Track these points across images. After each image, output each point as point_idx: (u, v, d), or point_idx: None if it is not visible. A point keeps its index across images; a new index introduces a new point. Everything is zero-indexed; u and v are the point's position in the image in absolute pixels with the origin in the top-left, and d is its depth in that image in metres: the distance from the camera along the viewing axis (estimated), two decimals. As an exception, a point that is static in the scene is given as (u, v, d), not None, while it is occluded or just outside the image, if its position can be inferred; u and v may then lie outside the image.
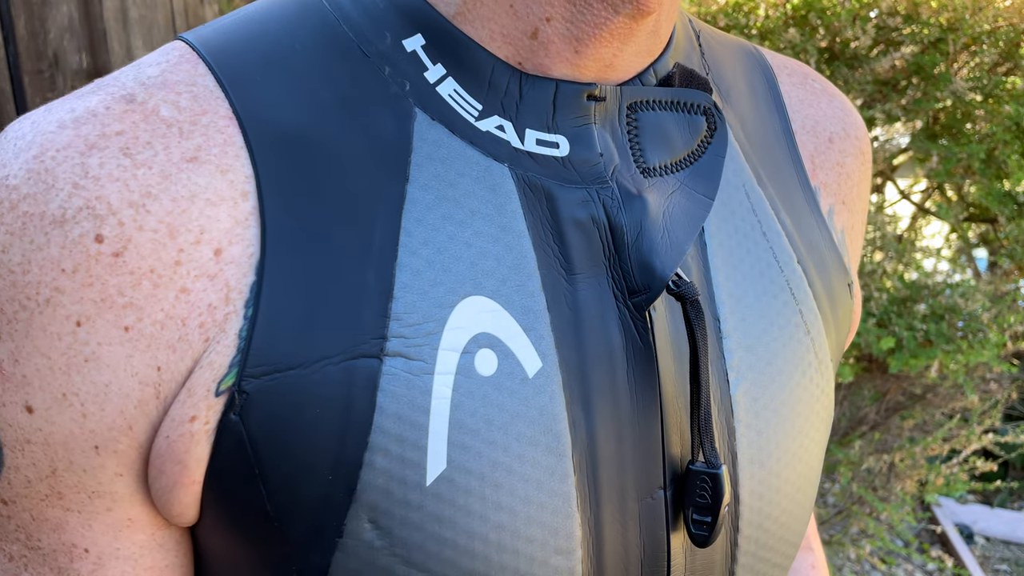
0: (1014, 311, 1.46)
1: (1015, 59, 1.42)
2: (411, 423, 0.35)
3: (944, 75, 1.36)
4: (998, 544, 2.86)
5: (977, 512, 2.90)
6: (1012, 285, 1.54)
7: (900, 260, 1.67)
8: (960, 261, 1.87)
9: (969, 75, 1.38)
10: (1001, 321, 1.47)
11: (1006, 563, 2.75)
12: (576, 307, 0.38)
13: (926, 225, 1.89)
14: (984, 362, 1.58)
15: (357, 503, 0.35)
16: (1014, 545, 2.85)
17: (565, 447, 0.37)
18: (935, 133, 1.50)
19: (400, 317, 0.35)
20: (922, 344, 1.51)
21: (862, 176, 0.51)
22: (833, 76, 1.41)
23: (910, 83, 1.39)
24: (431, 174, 0.37)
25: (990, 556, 2.78)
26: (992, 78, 1.37)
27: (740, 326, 0.42)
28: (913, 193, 1.86)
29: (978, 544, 2.83)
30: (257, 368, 0.34)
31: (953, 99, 1.36)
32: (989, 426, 1.76)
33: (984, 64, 1.40)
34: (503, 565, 0.36)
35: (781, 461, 0.42)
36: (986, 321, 1.47)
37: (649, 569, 0.39)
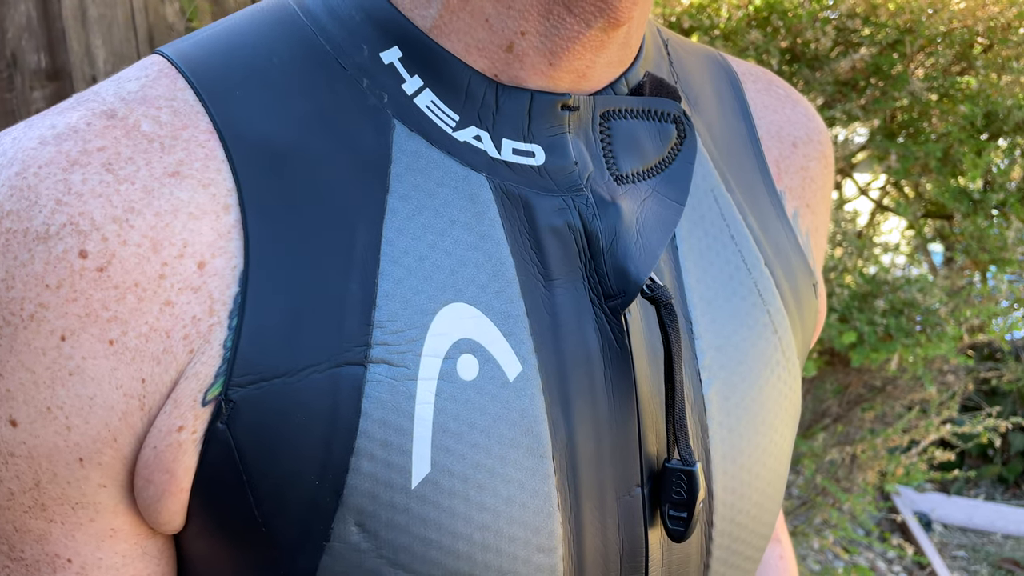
0: (970, 305, 1.51)
1: (969, 60, 1.46)
2: (396, 428, 0.36)
3: (902, 75, 1.40)
4: (955, 531, 2.94)
5: (935, 500, 2.97)
6: (967, 280, 1.58)
7: (860, 256, 1.71)
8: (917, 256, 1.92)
9: (925, 76, 1.42)
10: (958, 315, 1.51)
11: (963, 549, 2.83)
12: (554, 312, 0.39)
13: (884, 221, 1.94)
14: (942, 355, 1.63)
15: (344, 507, 0.35)
16: (971, 531, 2.93)
17: (546, 448, 0.38)
18: (893, 132, 1.53)
19: (383, 325, 0.36)
20: (882, 338, 1.55)
21: (825, 179, 0.53)
22: (794, 77, 1.44)
23: (869, 83, 1.43)
24: (411, 184, 0.38)
25: (948, 543, 2.86)
26: (947, 78, 1.41)
27: (711, 327, 0.43)
28: (872, 190, 1.91)
29: (936, 531, 2.91)
30: (243, 377, 0.35)
31: (910, 99, 1.40)
32: (947, 417, 1.81)
33: (939, 65, 1.44)
34: (487, 564, 0.37)
35: (752, 457, 0.44)
36: (943, 315, 1.51)
37: (628, 564, 0.41)
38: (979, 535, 2.92)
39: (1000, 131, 1.36)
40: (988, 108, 1.34)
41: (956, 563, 2.75)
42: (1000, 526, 2.91)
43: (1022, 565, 2.71)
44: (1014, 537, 2.90)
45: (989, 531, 2.92)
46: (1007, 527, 2.90)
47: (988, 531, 2.93)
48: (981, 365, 2.50)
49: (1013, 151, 1.39)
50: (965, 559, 2.78)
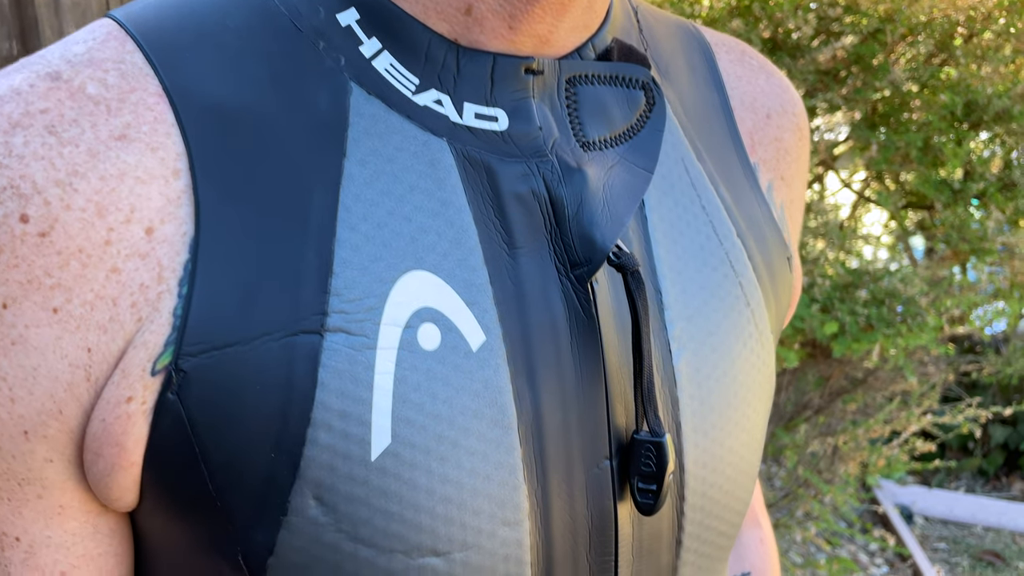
0: (950, 295, 1.51)
1: (950, 50, 1.46)
2: (354, 398, 0.35)
3: (883, 65, 1.39)
4: (936, 523, 2.95)
5: (916, 493, 2.99)
6: (948, 271, 1.59)
7: (841, 248, 1.71)
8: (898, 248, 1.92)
9: (906, 65, 1.42)
10: (939, 305, 1.51)
11: (944, 541, 2.85)
12: (519, 280, 0.38)
13: (866, 213, 1.94)
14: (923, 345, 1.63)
15: (301, 480, 0.34)
16: (952, 524, 2.95)
17: (510, 419, 0.37)
18: (874, 123, 1.53)
19: (340, 293, 0.35)
20: (864, 329, 1.55)
21: (800, 152, 0.52)
22: (776, 66, 1.44)
23: (850, 73, 1.42)
24: (368, 149, 0.37)
25: (929, 535, 2.88)
26: (928, 68, 1.41)
27: (681, 298, 0.42)
28: (853, 182, 1.91)
29: (917, 524, 2.93)
30: (194, 346, 0.34)
31: (891, 88, 1.40)
32: (928, 407, 1.81)
33: (920, 55, 1.44)
34: (451, 538, 0.36)
35: (724, 430, 0.43)
36: (924, 305, 1.51)
37: (597, 539, 0.40)
38: (960, 527, 2.94)
39: (980, 120, 1.36)
40: (968, 97, 1.35)
41: (937, 555, 2.77)
42: (981, 518, 2.93)
43: (1003, 556, 2.73)
44: (994, 529, 2.92)
45: (970, 523, 2.95)
46: (988, 519, 2.93)
47: (969, 523, 2.95)
48: (961, 358, 2.52)
49: (993, 141, 1.40)
50: (946, 551, 2.80)
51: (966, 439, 3.14)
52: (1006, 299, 1.49)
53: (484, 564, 0.37)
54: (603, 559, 0.40)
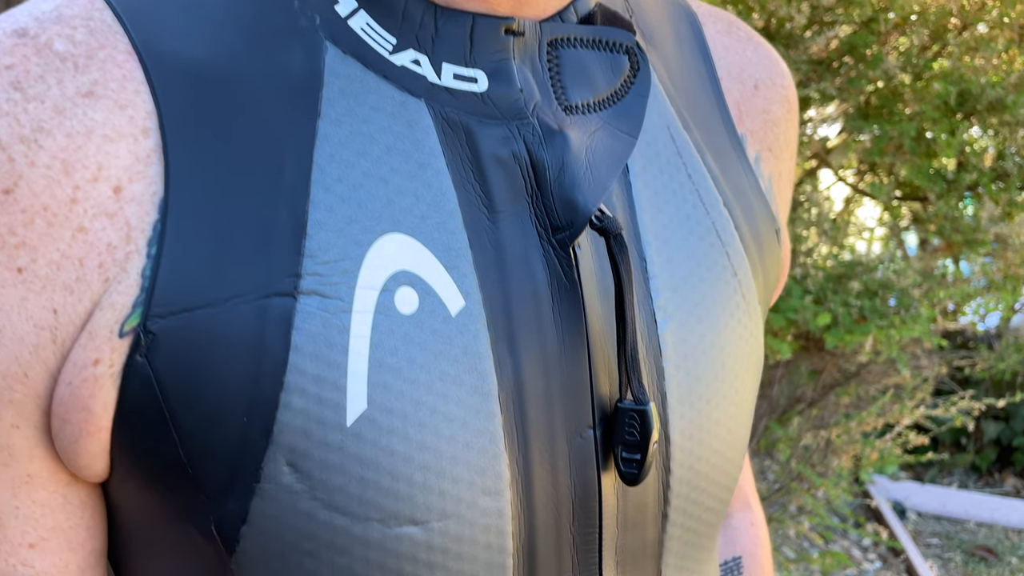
0: (944, 287, 1.51)
1: (943, 40, 1.46)
2: (328, 362, 0.34)
3: (876, 55, 1.39)
4: (929, 519, 2.96)
5: (909, 488, 2.99)
6: (942, 262, 1.58)
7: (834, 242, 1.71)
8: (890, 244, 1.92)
9: (900, 55, 1.41)
10: (932, 296, 1.51)
11: (937, 536, 2.85)
12: (499, 245, 0.37)
13: (859, 207, 1.94)
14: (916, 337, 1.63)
15: (274, 445, 0.33)
16: (945, 519, 2.96)
17: (491, 386, 0.36)
18: (867, 115, 1.53)
19: (314, 255, 0.34)
20: (857, 320, 1.54)
21: (789, 124, 0.51)
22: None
23: (843, 63, 1.42)
24: (343, 109, 0.36)
25: (922, 531, 2.88)
26: (921, 58, 1.40)
27: (667, 267, 0.41)
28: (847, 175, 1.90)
29: (911, 520, 2.93)
30: (163, 308, 0.33)
31: (884, 78, 1.39)
32: (921, 399, 1.81)
33: (914, 47, 1.44)
34: (429, 506, 0.35)
35: (711, 402, 0.42)
36: (917, 297, 1.51)
37: (580, 510, 0.39)
38: (953, 523, 2.94)
39: (973, 110, 1.36)
40: (962, 87, 1.34)
41: (930, 550, 2.77)
42: (974, 514, 2.93)
43: (996, 552, 2.73)
44: (987, 524, 2.92)
45: (963, 519, 2.95)
46: (980, 515, 2.93)
47: (962, 519, 2.95)
48: (954, 353, 2.52)
49: (987, 132, 1.39)
50: (939, 546, 2.80)
51: (959, 434, 3.14)
52: (999, 291, 1.49)
53: (464, 534, 0.36)
54: (587, 531, 0.39)
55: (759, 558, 0.66)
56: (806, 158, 1.88)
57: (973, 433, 3.13)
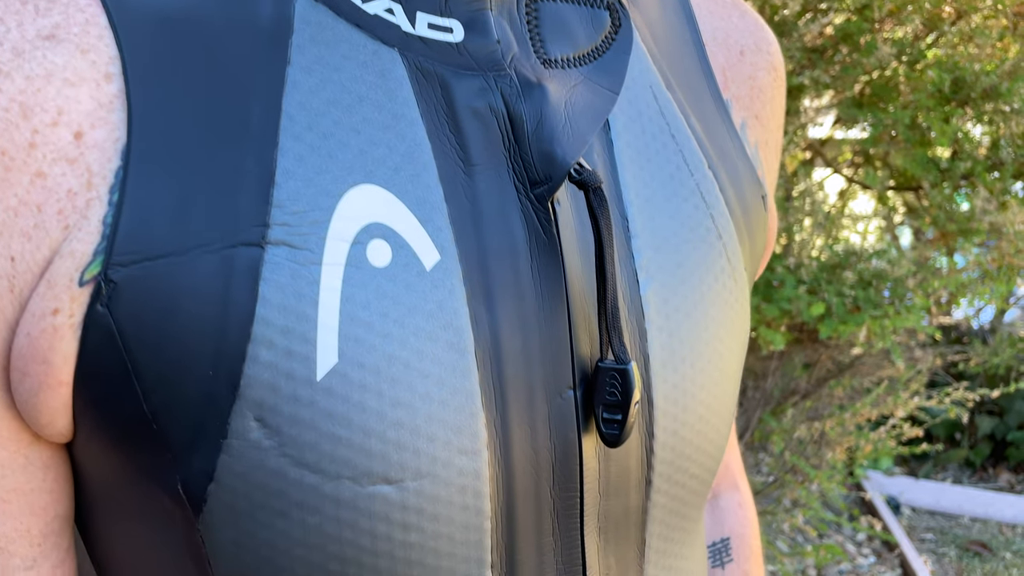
0: (938, 276, 1.50)
1: (938, 28, 1.45)
2: (297, 314, 0.33)
3: (870, 43, 1.38)
4: (923, 514, 2.95)
5: (903, 484, 2.99)
6: (936, 252, 1.58)
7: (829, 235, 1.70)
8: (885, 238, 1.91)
9: (894, 43, 1.40)
10: (926, 286, 1.50)
11: (931, 532, 2.85)
12: (475, 199, 0.36)
13: (853, 199, 1.93)
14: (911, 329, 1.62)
15: (242, 400, 0.32)
16: (939, 515, 2.95)
17: (467, 343, 0.35)
18: (861, 105, 1.52)
19: (283, 204, 0.33)
20: (851, 310, 1.54)
21: (775, 92, 0.50)
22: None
23: (837, 50, 1.41)
24: (314, 57, 0.35)
25: (916, 526, 2.88)
26: (915, 47, 1.39)
27: (649, 226, 0.40)
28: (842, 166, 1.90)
29: (905, 515, 2.92)
30: (125, 256, 0.32)
31: (878, 67, 1.39)
32: (915, 391, 1.80)
33: (907, 36, 1.43)
34: (403, 465, 0.34)
35: (695, 366, 0.41)
36: (911, 286, 1.50)
37: (561, 473, 0.38)
38: (947, 518, 2.94)
39: (968, 98, 1.35)
40: (956, 74, 1.33)
41: (924, 546, 2.77)
42: (968, 509, 2.93)
43: (989, 547, 2.73)
44: (981, 519, 2.92)
45: (957, 514, 2.94)
46: (974, 510, 2.92)
47: (956, 514, 2.94)
48: (949, 348, 2.51)
49: (981, 120, 1.38)
50: (933, 542, 2.80)
51: (953, 429, 3.14)
52: (994, 281, 1.48)
53: (439, 494, 0.35)
54: (567, 494, 0.38)
55: (747, 539, 0.65)
56: (801, 149, 1.88)
57: (967, 428, 3.13)
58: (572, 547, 0.39)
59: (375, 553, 0.35)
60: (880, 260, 1.50)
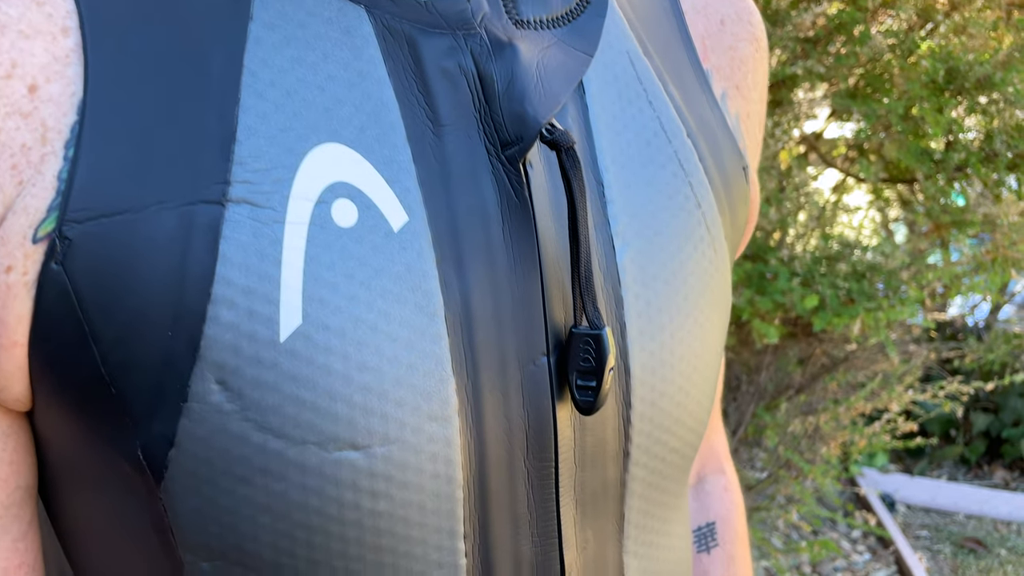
0: (932, 268, 1.49)
1: (932, 18, 1.44)
2: (260, 274, 0.32)
3: (864, 32, 1.37)
4: (918, 511, 2.95)
5: (898, 481, 2.98)
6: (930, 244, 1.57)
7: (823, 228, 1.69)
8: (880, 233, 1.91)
9: (887, 33, 1.40)
10: (920, 278, 1.49)
11: (926, 529, 2.84)
12: (445, 161, 0.35)
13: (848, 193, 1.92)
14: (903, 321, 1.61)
15: (202, 361, 0.32)
16: (934, 512, 2.95)
17: (436, 307, 0.34)
18: (854, 95, 1.51)
19: (244, 162, 0.32)
20: (845, 303, 1.53)
21: (757, 64, 0.49)
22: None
23: (831, 40, 1.40)
24: (277, 13, 0.34)
25: (911, 523, 2.87)
26: (909, 36, 1.39)
27: (625, 192, 0.39)
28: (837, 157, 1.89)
29: (900, 512, 2.92)
30: (80, 212, 0.31)
31: (871, 56, 1.38)
32: (910, 384, 1.80)
33: (901, 27, 1.42)
34: (370, 430, 0.33)
35: (674, 336, 0.40)
36: (905, 278, 1.49)
37: (535, 442, 0.37)
38: (942, 515, 2.93)
39: (962, 88, 1.34)
40: (950, 64, 1.32)
41: (920, 543, 2.76)
42: (963, 506, 2.93)
43: (985, 544, 2.73)
44: (976, 516, 2.91)
45: (952, 511, 2.94)
46: (969, 507, 2.92)
47: (951, 511, 2.94)
48: (944, 344, 2.51)
49: (974, 111, 1.38)
50: (928, 539, 2.79)
51: (948, 426, 3.13)
52: (988, 272, 1.47)
53: (409, 461, 0.34)
54: (542, 464, 0.37)
55: (733, 523, 0.64)
56: (796, 142, 1.87)
57: (962, 425, 3.13)
58: (548, 519, 0.38)
59: (342, 521, 0.34)
60: (874, 252, 1.49)
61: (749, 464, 2.04)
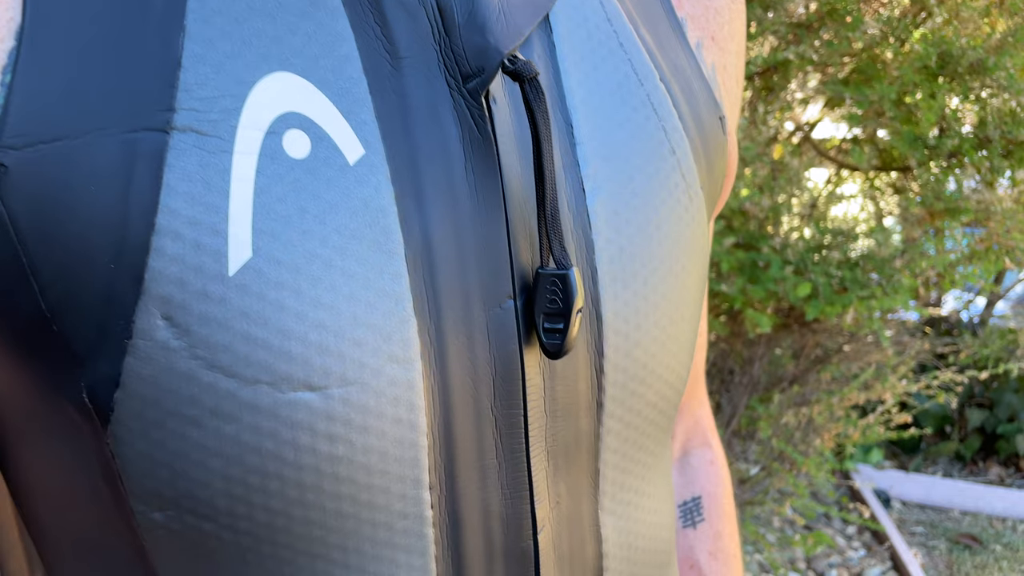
0: (925, 256, 1.48)
1: (927, 8, 1.43)
2: (206, 205, 0.30)
3: (856, 17, 1.36)
4: (913, 508, 2.93)
5: (893, 477, 2.97)
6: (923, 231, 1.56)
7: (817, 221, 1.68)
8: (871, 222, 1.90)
9: (879, 19, 1.38)
10: (913, 267, 1.48)
11: (921, 525, 2.83)
12: (403, 94, 0.34)
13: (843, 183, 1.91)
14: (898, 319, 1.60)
15: (147, 295, 0.30)
16: (929, 508, 2.93)
17: (396, 245, 0.33)
18: (846, 82, 1.50)
19: (190, 89, 0.31)
20: (837, 291, 1.52)
21: (733, 15, 0.48)
22: (747, 18, 1.40)
23: (824, 24, 1.39)
24: None
25: (906, 519, 2.86)
26: (902, 21, 1.38)
27: (596, 135, 0.38)
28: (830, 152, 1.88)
29: (895, 508, 2.91)
30: (17, 139, 0.29)
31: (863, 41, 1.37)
32: (903, 374, 1.78)
33: (894, 16, 1.41)
34: (327, 370, 0.31)
35: (648, 284, 0.39)
36: (899, 266, 1.48)
37: (503, 388, 0.35)
38: (937, 511, 2.92)
39: (955, 73, 1.33)
40: (942, 48, 1.31)
41: (915, 539, 2.75)
42: (958, 502, 2.91)
43: (980, 540, 2.71)
44: (972, 513, 2.90)
45: (947, 507, 2.93)
46: (964, 503, 2.91)
47: (946, 507, 2.93)
48: (938, 339, 2.50)
49: (967, 96, 1.37)
50: (924, 535, 2.78)
51: (943, 422, 3.12)
52: (982, 260, 1.46)
53: (369, 404, 0.32)
54: (511, 412, 0.36)
55: (719, 498, 0.63)
56: (789, 132, 1.86)
57: (957, 421, 3.12)
58: (518, 470, 0.36)
59: (298, 466, 0.32)
60: (866, 239, 1.48)
61: (742, 457, 2.03)
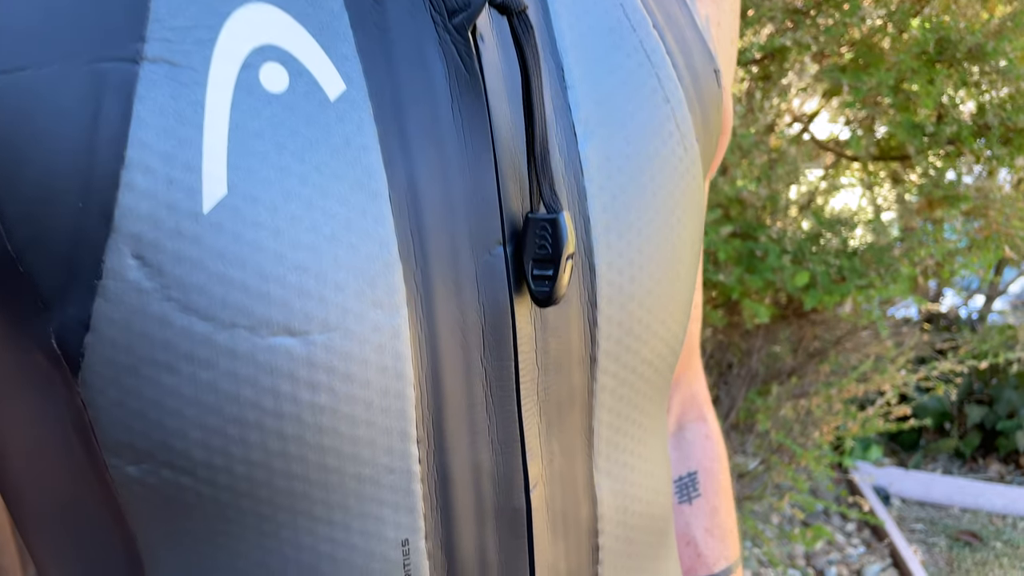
0: (924, 245, 1.47)
1: None
2: (179, 138, 0.29)
3: (854, 3, 1.35)
4: (913, 505, 2.92)
5: (893, 474, 2.96)
6: (921, 221, 1.55)
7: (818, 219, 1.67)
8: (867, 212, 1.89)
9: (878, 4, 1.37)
10: (912, 255, 1.47)
11: (921, 522, 2.82)
12: (387, 29, 0.32)
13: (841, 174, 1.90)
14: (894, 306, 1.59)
15: (117, 233, 0.29)
16: (928, 505, 2.92)
17: (379, 186, 0.31)
18: (843, 69, 1.49)
19: (162, 19, 0.29)
20: (836, 280, 1.50)
21: None
22: (743, 4, 1.39)
23: (820, 10, 1.38)
24: None
25: (906, 517, 2.84)
26: (900, 7, 1.37)
27: (587, 79, 0.37)
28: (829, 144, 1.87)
29: (895, 505, 2.89)
30: None
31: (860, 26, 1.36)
32: (902, 365, 1.77)
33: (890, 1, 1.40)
34: (308, 314, 0.30)
35: (642, 234, 0.37)
36: (897, 255, 1.47)
37: (492, 338, 0.34)
38: (937, 508, 2.91)
39: (953, 59, 1.32)
40: (940, 34, 1.30)
41: (914, 536, 2.74)
42: (958, 499, 2.90)
43: (980, 537, 2.70)
44: (971, 510, 2.89)
45: (947, 504, 2.92)
46: (964, 500, 2.90)
47: (946, 504, 2.92)
48: (937, 336, 2.49)
49: (965, 83, 1.36)
50: (924, 532, 2.77)
51: (942, 419, 3.11)
52: (981, 250, 1.45)
53: (352, 351, 0.31)
54: (501, 363, 0.34)
55: (715, 473, 0.61)
56: (787, 123, 1.85)
57: (957, 418, 3.10)
58: (509, 425, 0.35)
59: (279, 415, 0.31)
60: (865, 228, 1.47)
61: (740, 450, 2.02)
